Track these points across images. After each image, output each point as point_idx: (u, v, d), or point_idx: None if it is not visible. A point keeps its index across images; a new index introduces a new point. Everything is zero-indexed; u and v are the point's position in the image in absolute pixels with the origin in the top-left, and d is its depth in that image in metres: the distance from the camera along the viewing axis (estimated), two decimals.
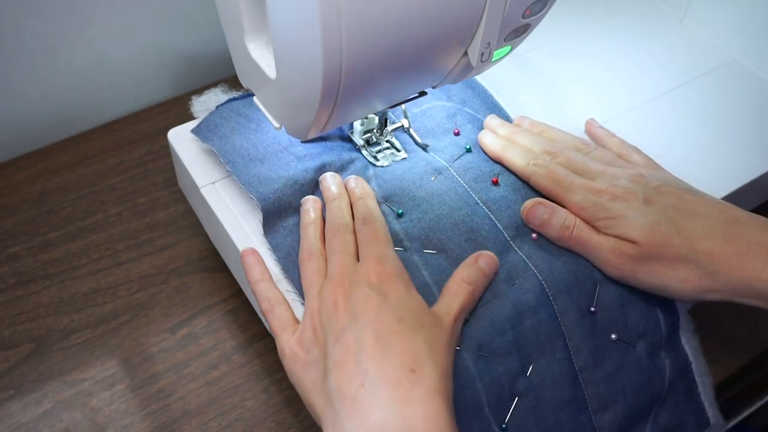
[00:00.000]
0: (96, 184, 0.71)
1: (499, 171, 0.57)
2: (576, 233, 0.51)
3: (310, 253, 0.51)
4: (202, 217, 0.61)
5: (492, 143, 0.58)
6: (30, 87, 0.72)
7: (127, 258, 0.65)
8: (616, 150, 0.59)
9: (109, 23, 0.72)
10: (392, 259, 0.48)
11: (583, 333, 0.50)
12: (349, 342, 0.43)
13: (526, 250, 0.52)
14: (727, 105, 0.66)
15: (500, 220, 0.54)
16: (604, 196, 0.52)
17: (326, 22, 0.38)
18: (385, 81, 0.46)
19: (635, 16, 0.75)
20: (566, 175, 0.54)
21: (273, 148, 0.57)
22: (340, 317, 0.45)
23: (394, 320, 0.44)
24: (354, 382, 0.42)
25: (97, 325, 0.61)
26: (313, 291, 0.48)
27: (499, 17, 0.45)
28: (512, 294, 0.50)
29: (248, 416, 0.56)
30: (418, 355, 0.43)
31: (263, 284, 0.51)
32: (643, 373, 0.51)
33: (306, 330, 0.47)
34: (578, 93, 0.66)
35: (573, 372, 0.50)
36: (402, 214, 0.54)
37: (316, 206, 0.53)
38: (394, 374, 0.41)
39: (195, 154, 0.59)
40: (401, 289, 0.46)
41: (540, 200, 0.53)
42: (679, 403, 0.52)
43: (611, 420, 0.50)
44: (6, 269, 0.64)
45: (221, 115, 0.59)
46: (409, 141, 0.59)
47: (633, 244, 0.49)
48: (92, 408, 0.56)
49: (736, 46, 0.71)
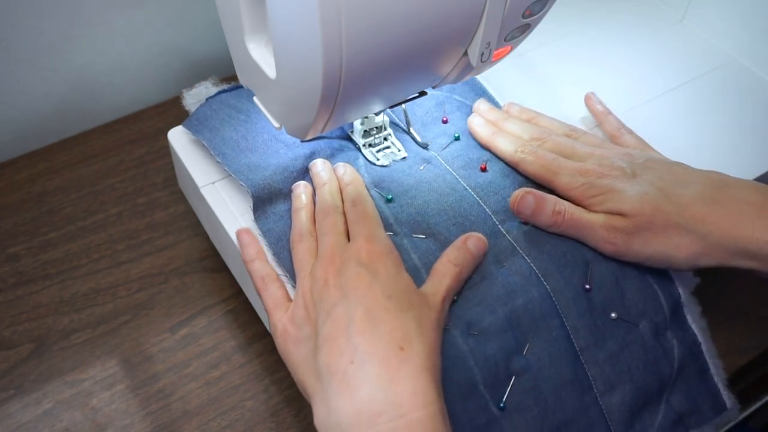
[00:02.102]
0: (96, 184, 0.71)
1: (487, 158, 0.58)
2: (568, 216, 0.52)
3: (301, 234, 0.51)
4: (202, 217, 0.61)
5: (481, 129, 0.58)
6: (30, 87, 0.72)
7: (127, 258, 0.65)
8: (610, 130, 0.60)
9: (109, 23, 0.72)
10: (382, 239, 0.49)
11: (580, 312, 0.50)
12: (339, 317, 0.44)
13: (514, 235, 0.53)
14: (726, 105, 0.66)
15: (488, 205, 0.54)
16: (591, 176, 0.52)
17: (326, 22, 0.38)
18: (385, 81, 0.46)
19: (635, 17, 0.75)
20: (554, 158, 0.54)
21: (262, 138, 0.57)
22: (330, 294, 0.46)
23: (384, 297, 0.44)
24: (344, 357, 0.42)
25: (97, 325, 0.61)
26: (305, 271, 0.49)
27: (499, 17, 0.45)
28: (501, 275, 0.51)
29: (248, 416, 0.56)
30: (406, 332, 0.43)
31: (258, 263, 0.52)
32: (649, 353, 0.51)
33: (298, 308, 0.48)
34: (578, 93, 0.66)
35: (572, 351, 0.50)
36: (391, 199, 0.55)
37: (307, 191, 0.54)
38: (383, 351, 0.42)
39: (195, 154, 0.59)
40: (391, 267, 0.47)
41: (528, 189, 0.53)
42: (692, 386, 0.52)
43: (620, 402, 0.49)
44: (6, 269, 0.64)
45: (211, 107, 0.60)
46: (409, 140, 0.59)
47: (623, 217, 0.50)
48: (92, 408, 0.56)
49: (736, 46, 0.71)
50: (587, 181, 0.52)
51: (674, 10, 0.75)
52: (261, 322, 0.60)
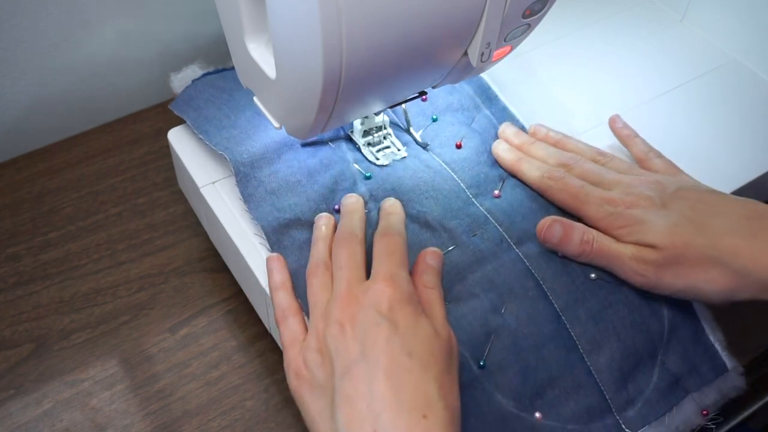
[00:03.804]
0: (96, 184, 0.71)
1: (463, 135, 0.59)
2: (597, 246, 0.50)
3: (317, 266, 0.49)
4: (202, 217, 0.61)
5: (506, 155, 0.57)
6: (30, 87, 0.72)
7: (127, 258, 0.65)
8: (638, 154, 0.58)
9: (109, 23, 0.72)
10: (404, 281, 0.46)
11: (556, 273, 0.51)
12: (358, 378, 0.42)
13: (487, 206, 0.54)
14: (726, 105, 0.66)
15: (463, 180, 0.56)
16: (619, 206, 0.51)
17: (326, 22, 0.38)
18: (385, 81, 0.46)
19: (635, 17, 0.75)
20: (582, 186, 0.53)
21: (245, 115, 0.58)
22: (348, 346, 0.44)
23: (405, 355, 0.42)
24: (365, 425, 0.41)
25: (97, 325, 0.61)
26: (318, 309, 0.47)
27: (499, 17, 0.45)
28: (472, 243, 0.52)
29: (248, 416, 0.56)
30: (429, 398, 0.41)
31: (282, 293, 0.50)
32: (635, 312, 0.50)
33: (311, 351, 0.46)
34: (578, 93, 0.66)
35: (552, 310, 0.50)
36: (370, 176, 0.56)
37: (329, 223, 0.52)
38: (406, 422, 0.40)
39: (195, 154, 0.59)
40: (410, 317, 0.44)
41: (556, 218, 0.52)
42: (688, 348, 0.51)
43: (608, 362, 0.49)
44: (6, 269, 0.64)
45: (196, 88, 0.61)
46: (410, 140, 0.59)
47: (654, 249, 0.48)
48: (92, 408, 0.56)
49: (736, 46, 0.71)
50: (615, 211, 0.51)
51: (674, 10, 0.75)
52: (261, 322, 0.60)
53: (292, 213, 0.53)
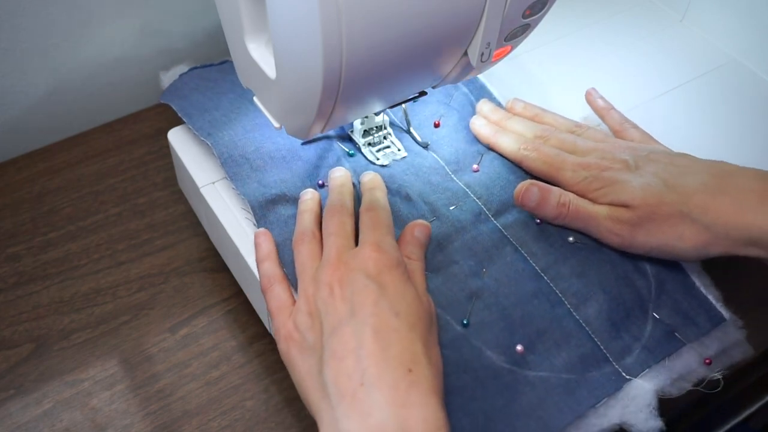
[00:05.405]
0: (96, 184, 0.71)
1: (441, 113, 0.60)
2: (573, 208, 0.52)
3: (303, 234, 0.51)
4: (202, 217, 0.61)
5: (483, 130, 0.59)
6: (30, 87, 0.72)
7: (127, 258, 0.65)
8: (613, 125, 0.61)
9: (109, 23, 0.72)
10: (391, 247, 0.48)
11: (534, 238, 0.52)
12: (347, 336, 0.43)
13: (465, 181, 0.56)
14: (726, 105, 0.66)
15: (442, 157, 0.58)
16: (594, 170, 0.53)
17: (326, 22, 0.38)
18: (385, 81, 0.46)
19: (635, 17, 0.75)
20: (557, 154, 0.55)
21: (228, 98, 0.60)
22: (337, 306, 0.45)
23: (392, 315, 0.44)
24: (353, 380, 0.42)
25: (97, 325, 0.61)
26: (307, 274, 0.48)
27: (499, 17, 0.45)
28: (451, 215, 0.54)
29: (248, 416, 0.56)
30: (414, 354, 0.43)
31: (267, 263, 0.51)
32: (618, 267, 0.51)
33: (301, 314, 0.47)
34: (578, 93, 0.66)
35: (532, 270, 0.51)
36: (353, 154, 0.57)
37: (314, 197, 0.54)
38: (392, 376, 0.41)
39: (195, 154, 0.59)
40: (398, 280, 0.46)
41: (533, 182, 0.54)
42: (679, 299, 0.51)
43: (597, 313, 0.50)
44: (6, 269, 0.64)
45: (182, 80, 0.63)
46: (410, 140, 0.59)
47: (627, 208, 0.50)
48: (92, 408, 0.56)
49: (736, 46, 0.71)
50: (590, 174, 0.53)
51: (674, 10, 0.75)
52: (261, 322, 0.60)
53: (278, 189, 0.54)
